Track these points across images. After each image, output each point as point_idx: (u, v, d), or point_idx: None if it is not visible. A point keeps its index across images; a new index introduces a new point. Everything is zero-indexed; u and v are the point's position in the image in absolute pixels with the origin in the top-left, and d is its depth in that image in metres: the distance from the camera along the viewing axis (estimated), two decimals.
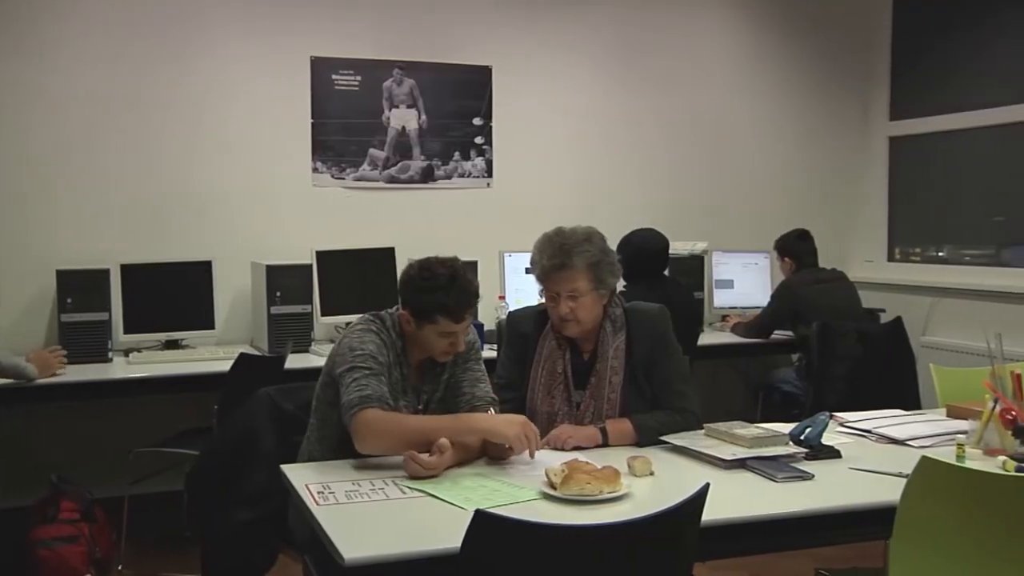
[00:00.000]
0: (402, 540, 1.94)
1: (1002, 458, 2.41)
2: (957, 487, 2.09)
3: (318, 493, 2.21)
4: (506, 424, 2.44)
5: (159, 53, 4.60)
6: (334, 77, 4.90)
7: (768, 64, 5.84)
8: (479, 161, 5.20)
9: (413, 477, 2.30)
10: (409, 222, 5.03)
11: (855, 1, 5.98)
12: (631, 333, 2.82)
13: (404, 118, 5.04)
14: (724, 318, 5.40)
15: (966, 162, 5.62)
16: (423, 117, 5.07)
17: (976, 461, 2.45)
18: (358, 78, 4.94)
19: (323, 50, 4.87)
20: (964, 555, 2.10)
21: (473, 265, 4.63)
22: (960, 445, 2.48)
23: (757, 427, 2.65)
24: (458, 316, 2.54)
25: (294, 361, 4.05)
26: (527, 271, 4.80)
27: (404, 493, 2.23)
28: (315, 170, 4.90)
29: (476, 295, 2.59)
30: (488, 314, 4.66)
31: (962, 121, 5.50)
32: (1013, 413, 2.52)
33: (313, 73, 4.85)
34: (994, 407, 2.54)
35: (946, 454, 2.42)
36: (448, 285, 2.53)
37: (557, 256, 2.76)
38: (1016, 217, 5.43)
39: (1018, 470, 2.30)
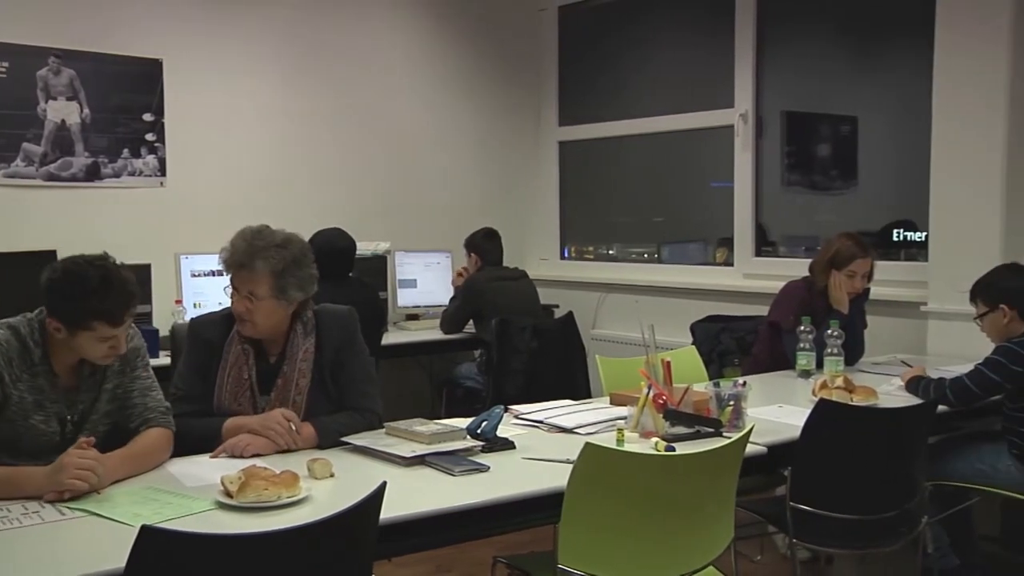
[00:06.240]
0: (57, 566, 1.80)
1: (655, 439, 2.61)
2: (616, 469, 2.25)
3: None
4: (50, 481, 2.14)
5: None
6: None
7: (447, 71, 6.00)
8: (151, 159, 4.93)
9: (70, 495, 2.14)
10: (73, 223, 4.66)
11: (526, 17, 6.29)
12: (321, 335, 2.79)
13: (63, 111, 4.66)
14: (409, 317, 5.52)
15: (630, 166, 6.09)
16: (86, 111, 4.72)
17: (634, 444, 2.64)
18: (6, 64, 4.50)
19: None
20: (624, 530, 2.27)
21: (146, 268, 4.41)
22: (620, 430, 2.66)
23: (436, 423, 2.71)
24: (117, 319, 2.36)
25: None
26: (207, 274, 4.68)
27: (63, 514, 2.06)
28: None
29: (134, 293, 2.41)
30: (163, 319, 4.44)
31: (623, 128, 5.95)
32: (664, 398, 2.75)
33: None
34: (648, 393, 2.76)
35: (608, 439, 2.61)
36: (101, 288, 2.33)
37: (240, 254, 2.68)
38: (672, 218, 5.96)
39: (668, 449, 2.51)
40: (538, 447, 2.66)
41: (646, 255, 6.02)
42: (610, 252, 6.25)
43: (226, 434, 2.60)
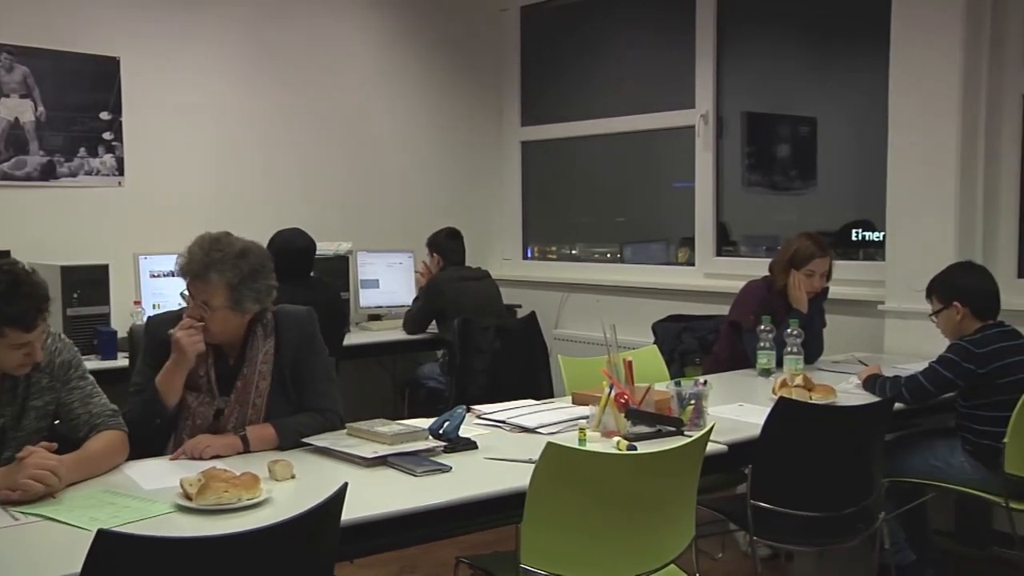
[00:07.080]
0: (10, 573, 1.76)
1: (616, 439, 2.62)
2: (578, 468, 2.26)
3: None
4: (4, 480, 2.13)
5: None
6: None
7: (409, 71, 5.98)
8: (108, 158, 4.86)
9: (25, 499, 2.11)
10: (28, 223, 4.59)
11: (488, 18, 6.30)
12: (280, 336, 2.76)
13: (17, 109, 4.58)
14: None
15: (592, 166, 6.11)
16: (40, 109, 4.64)
17: (596, 443, 2.65)
18: None
19: None
20: (587, 529, 2.27)
21: (104, 269, 4.35)
22: (582, 429, 2.67)
23: (398, 424, 2.70)
24: (29, 324, 2.28)
25: None
26: (166, 274, 4.62)
27: (16, 520, 2.03)
28: None
29: (46, 297, 2.34)
30: (122, 320, 4.38)
31: (585, 128, 5.97)
32: (625, 397, 2.76)
33: None
34: (610, 392, 2.77)
35: (570, 439, 2.62)
36: (9, 292, 2.25)
37: (196, 264, 2.63)
38: (633, 218, 5.99)
39: (629, 448, 2.52)
40: (500, 447, 2.66)
41: (608, 255, 6.04)
42: (572, 252, 6.26)
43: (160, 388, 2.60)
